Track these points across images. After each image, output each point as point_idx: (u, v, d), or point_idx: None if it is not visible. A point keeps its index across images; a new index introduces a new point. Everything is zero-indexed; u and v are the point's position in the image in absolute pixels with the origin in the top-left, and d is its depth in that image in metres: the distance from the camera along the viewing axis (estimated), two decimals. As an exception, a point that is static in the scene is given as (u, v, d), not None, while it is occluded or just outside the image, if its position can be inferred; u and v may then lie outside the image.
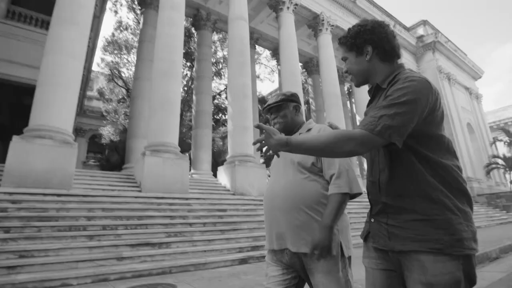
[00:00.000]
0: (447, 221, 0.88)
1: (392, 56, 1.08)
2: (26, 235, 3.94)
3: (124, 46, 18.98)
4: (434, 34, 20.13)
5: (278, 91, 18.19)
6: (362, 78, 1.13)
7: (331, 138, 0.89)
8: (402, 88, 0.91)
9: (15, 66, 9.62)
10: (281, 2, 12.39)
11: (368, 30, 1.07)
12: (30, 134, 5.94)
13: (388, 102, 0.91)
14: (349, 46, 1.12)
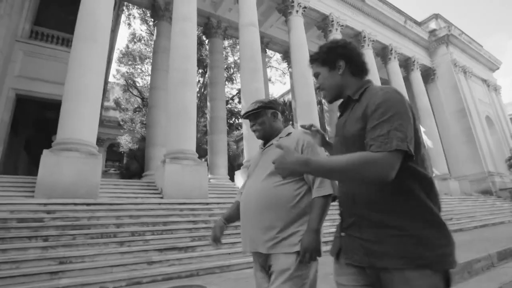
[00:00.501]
0: (427, 237, 0.87)
1: (362, 71, 1.12)
2: (63, 243, 4.21)
3: (138, 56, 19.59)
4: (447, 27, 19.77)
5: (291, 93, 18.30)
6: (335, 92, 1.14)
7: (355, 161, 0.84)
8: (387, 100, 0.92)
9: (39, 83, 10.14)
10: (289, 6, 12.54)
11: (341, 46, 1.12)
12: (58, 147, 6.29)
13: (383, 116, 0.90)
14: (321, 62, 1.15)
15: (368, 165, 0.84)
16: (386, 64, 16.93)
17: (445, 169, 16.28)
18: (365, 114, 0.97)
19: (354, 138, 1.00)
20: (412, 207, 0.90)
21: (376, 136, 0.88)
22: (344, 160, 0.86)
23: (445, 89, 19.15)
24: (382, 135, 0.87)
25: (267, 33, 15.76)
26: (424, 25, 20.90)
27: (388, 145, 0.84)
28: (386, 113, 0.90)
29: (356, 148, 0.96)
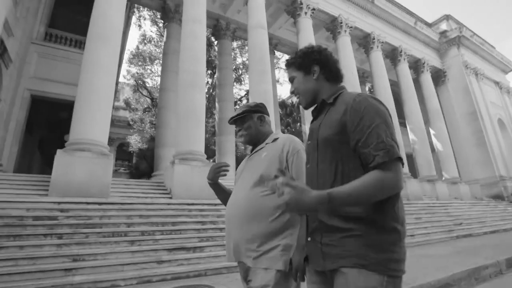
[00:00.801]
0: (377, 241, 0.88)
1: (336, 77, 1.14)
2: (76, 241, 4.35)
3: (148, 57, 19.86)
4: (458, 28, 19.49)
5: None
6: (310, 97, 1.15)
7: (377, 186, 0.85)
8: (370, 108, 0.94)
9: (53, 84, 10.39)
10: (298, 8, 12.57)
11: (316, 52, 1.14)
12: (71, 147, 6.46)
13: (372, 123, 0.91)
14: (297, 66, 1.16)
15: (386, 187, 0.85)
16: (396, 66, 16.79)
17: (455, 172, 16.07)
18: (343, 120, 0.97)
19: (327, 142, 1.00)
20: (371, 213, 0.90)
21: (376, 145, 0.88)
22: (369, 187, 0.85)
23: (456, 91, 18.89)
24: (382, 142, 0.88)
25: (276, 35, 15.81)
26: (435, 26, 20.66)
27: (391, 152, 0.87)
28: (374, 120, 0.91)
29: (329, 152, 0.99)
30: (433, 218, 10.04)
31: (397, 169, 0.87)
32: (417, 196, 12.39)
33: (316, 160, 1.04)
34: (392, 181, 0.85)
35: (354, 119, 0.94)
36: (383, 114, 0.94)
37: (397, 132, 13.50)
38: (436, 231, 8.67)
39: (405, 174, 13.00)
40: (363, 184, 0.85)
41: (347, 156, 0.96)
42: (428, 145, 15.18)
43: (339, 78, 1.16)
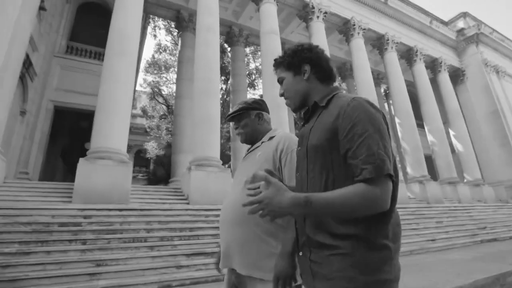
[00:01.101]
0: (368, 259, 0.81)
1: (329, 76, 1.05)
2: (99, 247, 4.51)
3: (163, 66, 20.36)
4: (476, 25, 18.94)
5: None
6: (300, 99, 1.06)
7: (359, 202, 0.78)
8: (365, 114, 0.86)
9: (74, 95, 10.84)
10: (310, 12, 12.60)
11: (306, 49, 1.05)
12: (93, 156, 6.71)
13: (364, 133, 0.83)
14: (286, 66, 1.08)
15: (370, 204, 0.78)
16: (412, 66, 16.47)
17: (477, 174, 15.51)
18: (334, 124, 0.89)
19: (317, 149, 0.92)
20: (361, 230, 0.83)
21: (366, 157, 0.80)
22: (344, 198, 0.78)
23: (476, 90, 18.30)
24: (372, 155, 0.80)
25: (288, 39, 15.87)
26: (451, 24, 20.16)
27: (380, 167, 0.79)
28: (367, 128, 0.83)
29: (318, 160, 0.91)
30: (455, 222, 9.73)
31: (384, 186, 0.79)
32: (437, 199, 12.04)
33: (306, 169, 0.96)
34: (377, 199, 0.78)
35: (345, 126, 0.86)
36: (378, 122, 0.85)
37: (414, 133, 13.29)
38: (459, 235, 8.41)
39: (423, 177, 12.68)
40: (346, 196, 0.79)
41: (338, 165, 0.87)
42: (448, 146, 14.75)
43: (332, 78, 1.06)
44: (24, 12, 6.68)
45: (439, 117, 15.20)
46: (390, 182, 0.81)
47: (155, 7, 12.85)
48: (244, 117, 1.47)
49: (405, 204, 10.63)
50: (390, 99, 19.30)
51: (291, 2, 12.78)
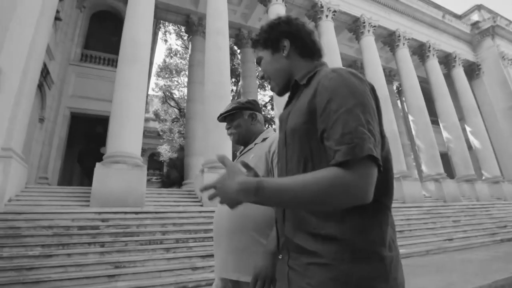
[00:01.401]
0: (355, 273, 0.66)
1: (313, 51, 0.92)
2: (117, 249, 4.64)
3: (175, 70, 20.66)
4: (492, 18, 18.40)
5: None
6: (282, 80, 0.92)
7: (328, 189, 0.62)
8: (344, 85, 0.71)
9: (89, 101, 11.14)
10: (319, 11, 12.55)
11: (283, 22, 0.93)
12: (108, 160, 6.90)
13: (342, 106, 0.68)
14: (263, 43, 0.95)
15: (342, 193, 0.62)
16: (424, 62, 16.15)
17: (496, 171, 15.06)
18: (312, 103, 0.75)
19: (295, 134, 0.79)
20: (348, 232, 0.68)
21: (341, 136, 0.65)
22: (314, 185, 0.63)
23: (493, 85, 17.77)
24: (348, 133, 0.64)
25: (297, 39, 15.82)
26: (465, 18, 19.67)
27: (357, 148, 0.62)
28: (345, 102, 0.68)
29: (296, 147, 0.78)
30: (473, 220, 9.49)
31: (363, 171, 0.62)
32: (454, 197, 11.77)
33: (285, 158, 0.83)
34: (349, 186, 0.61)
35: (322, 103, 0.72)
36: (361, 94, 0.70)
37: (428, 130, 13.02)
38: (477, 234, 8.20)
39: (439, 175, 12.39)
40: (310, 181, 0.63)
41: (317, 151, 0.73)
42: (464, 143, 14.39)
43: (317, 53, 0.93)
44: (41, 23, 6.94)
45: (455, 113, 14.85)
46: (373, 167, 0.63)
47: (165, 13, 13.07)
48: (237, 117, 1.42)
49: (421, 203, 10.43)
50: (402, 96, 18.97)
51: (300, 2, 12.76)
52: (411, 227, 7.94)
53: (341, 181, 0.62)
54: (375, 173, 0.64)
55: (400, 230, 7.54)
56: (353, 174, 0.62)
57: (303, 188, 0.63)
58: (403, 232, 7.50)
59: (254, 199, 0.67)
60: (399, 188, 10.87)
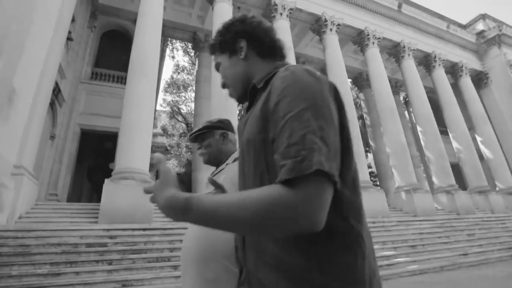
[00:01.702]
0: None
1: (273, 50, 0.83)
2: (125, 267, 4.62)
3: (182, 85, 21.02)
4: (497, 26, 18.36)
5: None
6: (241, 85, 0.82)
7: (266, 212, 0.51)
8: (294, 84, 0.61)
9: (99, 118, 11.35)
10: (323, 25, 12.72)
11: (238, 21, 0.84)
12: (117, 176, 6.96)
13: (290, 110, 0.58)
14: (219, 47, 0.86)
15: (278, 214, 0.51)
16: (431, 72, 16.11)
17: (510, 181, 14.67)
18: (265, 108, 0.65)
19: (250, 146, 0.68)
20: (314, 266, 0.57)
21: (286, 148, 0.55)
22: (252, 205, 0.52)
23: (502, 93, 17.55)
24: (295, 143, 0.54)
25: (303, 53, 16.01)
26: (470, 27, 19.67)
27: (305, 163, 0.52)
28: (294, 105, 0.58)
29: (252, 160, 0.67)
30: (489, 234, 9.19)
31: (310, 191, 0.51)
32: (468, 209, 11.46)
33: (243, 173, 0.72)
34: (295, 209, 0.51)
35: (271, 105, 0.63)
36: (314, 95, 0.59)
37: (437, 140, 12.84)
38: (493, 249, 7.92)
39: (451, 186, 12.12)
40: (249, 201, 0.53)
41: (273, 165, 0.59)
42: (475, 153, 14.12)
43: (278, 52, 0.83)
44: (54, 44, 7.18)
45: (464, 122, 14.66)
46: (325, 185, 0.52)
47: (172, 30, 13.41)
48: (208, 137, 1.37)
49: (433, 216, 10.18)
50: (410, 106, 18.84)
51: (304, 17, 12.97)
52: (424, 241, 7.72)
53: (282, 202, 0.51)
54: (328, 193, 0.53)
55: (413, 245, 7.34)
56: (298, 194, 0.51)
57: (239, 208, 0.53)
58: (415, 247, 7.30)
59: (182, 218, 0.58)
60: (409, 201, 10.65)
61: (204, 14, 12.83)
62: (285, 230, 0.53)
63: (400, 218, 9.48)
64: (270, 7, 11.65)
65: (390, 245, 7.15)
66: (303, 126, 0.55)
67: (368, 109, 17.01)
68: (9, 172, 5.59)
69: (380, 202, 9.78)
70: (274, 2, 11.52)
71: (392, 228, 8.42)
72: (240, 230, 0.60)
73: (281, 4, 11.55)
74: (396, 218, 9.38)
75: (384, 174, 14.91)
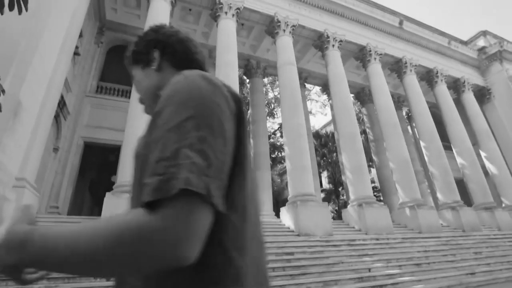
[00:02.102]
0: None
1: (188, 60, 0.77)
2: None
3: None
4: (498, 43, 18.54)
5: (333, 124, 18.17)
6: (153, 99, 0.73)
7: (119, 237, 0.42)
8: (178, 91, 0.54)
9: (103, 131, 11.44)
10: (325, 41, 12.91)
11: (151, 30, 0.80)
12: (118, 189, 6.95)
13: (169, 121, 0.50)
14: (134, 59, 0.80)
15: (136, 245, 0.42)
16: (433, 87, 16.19)
17: (516, 198, 14.42)
18: (152, 120, 0.57)
19: (137, 160, 0.63)
20: None
21: (155, 163, 0.47)
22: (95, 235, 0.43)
23: (506, 109, 17.52)
24: (166, 158, 0.46)
25: (305, 68, 16.20)
26: (471, 43, 19.88)
27: (172, 182, 0.43)
28: (175, 114, 0.51)
29: (137, 178, 0.60)
30: (496, 252, 8.97)
31: (174, 216, 0.42)
32: (474, 226, 11.23)
33: (132, 193, 0.63)
34: (152, 237, 0.42)
35: (154, 116, 0.56)
36: (202, 102, 0.52)
37: (441, 156, 12.74)
38: (502, 268, 7.71)
39: (456, 202, 11.93)
40: (100, 230, 0.44)
41: None
42: (480, 169, 13.97)
43: (194, 62, 0.78)
44: (62, 59, 7.34)
45: (467, 138, 14.59)
46: (197, 208, 0.44)
47: (177, 46, 13.67)
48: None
49: (438, 233, 9.99)
50: (413, 122, 18.82)
51: (306, 34, 13.19)
52: (429, 259, 7.54)
53: (141, 229, 0.42)
54: (201, 217, 0.44)
55: (418, 263, 7.16)
56: (159, 220, 0.42)
57: (89, 238, 0.43)
58: (420, 266, 7.12)
59: (18, 258, 0.45)
60: (414, 217, 10.47)
61: (209, 31, 13.10)
62: (147, 266, 0.43)
63: (405, 235, 9.30)
64: (273, 24, 11.88)
65: (394, 263, 6.98)
66: (180, 138, 0.47)
67: (371, 124, 17.01)
68: (11, 184, 5.59)
69: (384, 218, 9.62)
70: (277, 19, 11.76)
71: (397, 245, 8.25)
72: (96, 268, 0.44)
73: (284, 21, 11.78)
74: (401, 235, 9.20)
75: (387, 190, 14.75)
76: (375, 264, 6.76)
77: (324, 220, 8.57)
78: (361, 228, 9.44)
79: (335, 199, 22.77)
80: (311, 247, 7.24)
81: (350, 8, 13.98)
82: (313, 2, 13.19)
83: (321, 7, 13.37)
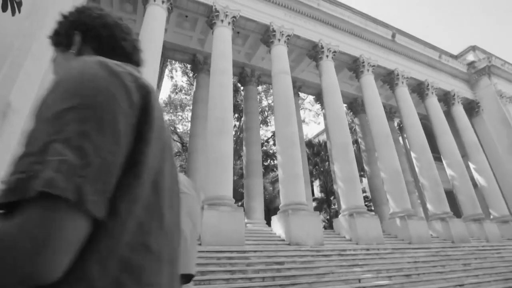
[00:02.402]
0: None
1: (113, 46, 0.69)
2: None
3: (179, 105, 21.21)
4: (487, 58, 19.06)
5: (325, 134, 18.31)
6: None
7: None
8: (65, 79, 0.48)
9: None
10: (320, 52, 13.09)
11: (76, 11, 0.71)
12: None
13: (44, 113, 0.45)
14: (54, 41, 0.72)
15: None
16: (424, 100, 16.51)
17: (504, 210, 14.65)
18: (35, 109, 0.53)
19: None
20: None
21: (19, 160, 0.41)
22: None
23: (494, 122, 17.94)
24: (31, 154, 0.41)
25: (299, 77, 16.36)
26: (461, 58, 20.39)
27: (30, 182, 0.38)
28: (57, 103, 0.44)
29: None
30: (485, 263, 9.05)
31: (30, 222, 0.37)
32: (463, 238, 11.34)
33: None
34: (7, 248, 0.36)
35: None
36: (93, 92, 0.46)
37: (431, 168, 12.90)
38: (490, 279, 7.77)
39: (446, 214, 12.05)
40: None
41: None
42: (469, 181, 14.19)
43: (117, 50, 0.69)
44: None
45: (457, 150, 14.84)
46: (59, 214, 0.37)
47: (173, 52, 13.69)
48: None
49: (428, 244, 10.05)
50: (404, 132, 19.09)
51: (301, 43, 13.36)
52: (419, 270, 7.56)
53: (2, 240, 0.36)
54: (66, 227, 0.37)
55: (407, 274, 7.17)
56: (14, 227, 0.36)
57: None
58: (410, 277, 7.13)
59: None
60: (404, 227, 10.53)
61: (205, 37, 13.17)
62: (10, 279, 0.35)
63: (395, 246, 9.33)
64: (269, 33, 12.02)
65: (384, 273, 6.98)
66: (55, 131, 0.41)
67: (363, 134, 17.19)
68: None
69: (375, 228, 9.64)
70: (273, 28, 11.91)
71: (387, 255, 8.27)
72: None
73: (279, 31, 11.93)
74: (391, 245, 9.23)
75: (378, 200, 14.84)
76: (365, 274, 6.75)
77: (315, 229, 8.55)
78: (352, 238, 9.44)
79: (326, 208, 22.79)
80: (302, 256, 7.20)
81: (345, 20, 14.24)
82: (308, 13, 13.41)
83: (316, 18, 13.60)
